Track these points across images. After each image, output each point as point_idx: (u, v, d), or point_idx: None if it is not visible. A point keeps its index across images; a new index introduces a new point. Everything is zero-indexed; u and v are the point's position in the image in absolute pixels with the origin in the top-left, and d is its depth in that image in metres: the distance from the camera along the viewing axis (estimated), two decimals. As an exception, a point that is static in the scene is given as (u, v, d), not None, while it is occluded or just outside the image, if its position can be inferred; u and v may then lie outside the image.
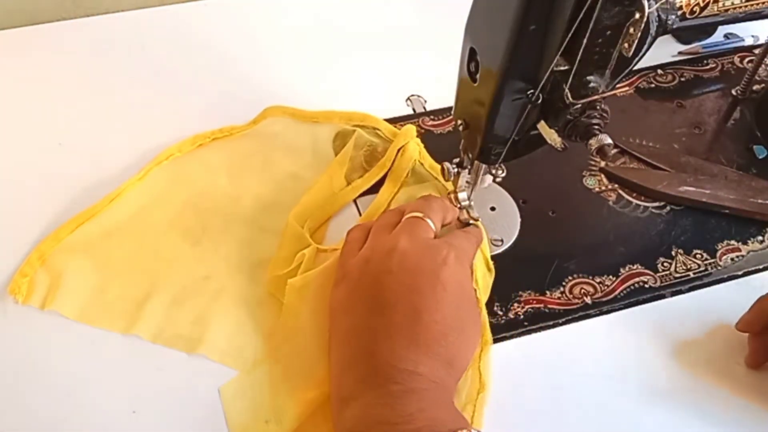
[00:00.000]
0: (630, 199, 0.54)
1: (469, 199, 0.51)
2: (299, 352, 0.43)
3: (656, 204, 0.54)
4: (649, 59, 0.57)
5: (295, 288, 0.45)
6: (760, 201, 0.53)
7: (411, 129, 0.55)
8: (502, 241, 0.51)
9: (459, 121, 0.45)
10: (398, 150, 0.54)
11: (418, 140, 0.55)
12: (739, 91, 0.62)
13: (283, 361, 0.43)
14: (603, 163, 0.56)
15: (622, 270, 0.49)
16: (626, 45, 0.36)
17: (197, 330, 0.45)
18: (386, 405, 0.35)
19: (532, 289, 0.48)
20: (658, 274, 0.49)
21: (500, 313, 0.47)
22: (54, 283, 0.46)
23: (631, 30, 0.35)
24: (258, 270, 0.49)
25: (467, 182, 0.50)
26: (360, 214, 0.52)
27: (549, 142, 0.41)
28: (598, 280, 0.49)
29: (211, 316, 0.46)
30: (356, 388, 0.37)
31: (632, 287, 0.48)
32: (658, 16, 0.40)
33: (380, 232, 0.43)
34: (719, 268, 0.50)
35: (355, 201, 0.53)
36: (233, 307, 0.47)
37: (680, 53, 0.67)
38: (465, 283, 0.41)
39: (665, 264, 0.49)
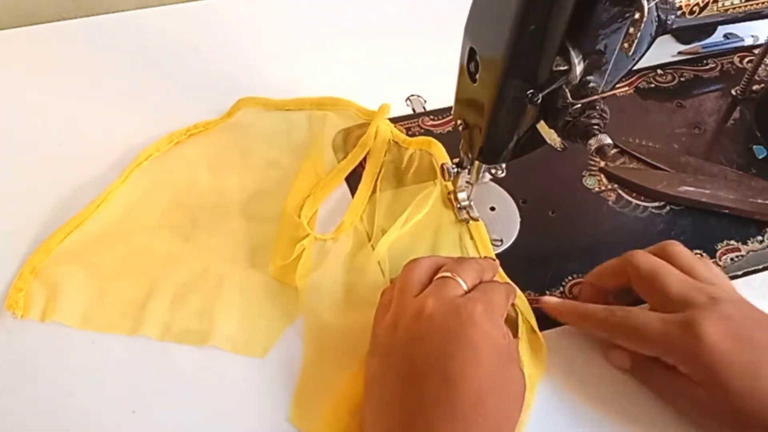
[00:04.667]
0: (630, 199, 0.54)
1: (469, 199, 0.51)
2: (323, 351, 0.44)
3: (656, 204, 0.54)
4: (648, 59, 0.57)
5: (306, 290, 0.46)
6: (759, 201, 0.53)
7: (385, 107, 0.56)
8: (501, 241, 0.51)
9: (459, 121, 0.45)
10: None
11: (388, 121, 0.57)
12: (738, 91, 0.62)
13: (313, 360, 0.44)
14: (603, 163, 0.56)
15: (621, 270, 0.49)
16: (626, 45, 0.36)
17: (204, 322, 0.45)
18: None
19: (532, 289, 0.48)
20: (658, 274, 0.49)
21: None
22: (51, 295, 0.46)
23: (631, 30, 0.35)
24: (254, 257, 0.49)
25: (467, 182, 0.50)
26: (353, 196, 0.53)
27: (549, 142, 0.41)
28: (597, 280, 0.49)
29: (216, 307, 0.46)
30: None
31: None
32: (658, 16, 0.40)
33: (404, 292, 0.41)
34: (719, 268, 0.50)
35: (348, 182, 0.54)
36: (236, 295, 0.47)
37: (680, 53, 0.67)
38: (497, 339, 0.38)
39: (665, 264, 0.49)
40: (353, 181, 0.54)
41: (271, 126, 0.58)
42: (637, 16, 0.34)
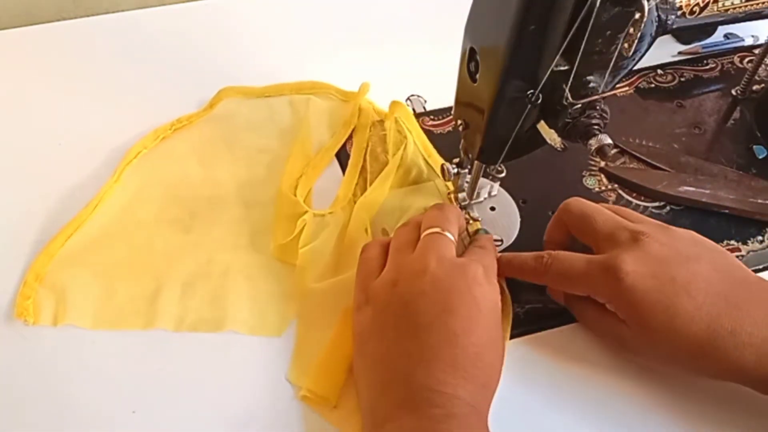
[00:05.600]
0: (630, 199, 0.54)
1: (469, 199, 0.51)
2: (314, 311, 0.46)
3: (656, 204, 0.54)
4: (649, 59, 0.57)
5: (305, 259, 0.48)
6: (759, 201, 0.53)
7: (365, 86, 0.59)
8: (502, 241, 0.51)
9: (459, 121, 0.45)
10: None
11: (369, 99, 0.59)
12: (738, 91, 0.62)
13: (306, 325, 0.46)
14: (603, 163, 0.56)
15: (622, 270, 0.49)
16: (626, 45, 0.36)
17: (217, 310, 0.46)
18: (427, 429, 0.35)
19: (532, 288, 0.48)
20: (658, 274, 0.49)
21: (500, 313, 0.47)
22: (60, 299, 0.46)
23: (631, 30, 0.35)
24: (256, 242, 0.50)
25: (467, 182, 0.50)
26: (343, 173, 0.55)
27: (549, 142, 0.41)
28: (598, 280, 0.48)
29: (226, 293, 0.47)
30: (393, 412, 0.36)
31: (632, 287, 0.48)
32: (658, 16, 0.40)
33: (401, 252, 0.43)
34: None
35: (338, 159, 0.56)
36: (244, 280, 0.48)
37: (680, 53, 0.67)
38: (496, 299, 0.41)
39: (665, 264, 0.49)
40: (343, 158, 0.56)
41: (253, 114, 0.60)
42: (637, 16, 0.34)
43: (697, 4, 0.41)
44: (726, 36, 0.68)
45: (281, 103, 0.60)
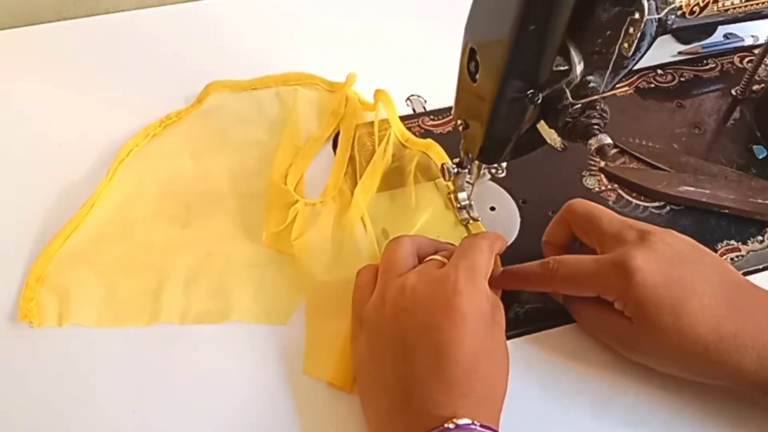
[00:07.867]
0: (630, 198, 0.54)
1: (469, 199, 0.51)
2: (322, 304, 0.47)
3: (656, 204, 0.54)
4: (648, 59, 0.57)
5: (303, 250, 0.49)
6: (759, 201, 0.53)
7: (352, 76, 0.60)
8: (501, 240, 0.51)
9: (459, 121, 0.45)
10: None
11: (355, 89, 0.60)
12: (738, 91, 0.62)
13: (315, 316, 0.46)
14: (603, 163, 0.56)
15: (621, 270, 0.49)
16: (626, 45, 0.36)
17: (221, 301, 0.47)
18: None
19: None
20: (658, 274, 0.49)
21: (500, 312, 0.47)
22: (63, 299, 0.46)
23: (631, 30, 0.35)
24: (254, 232, 0.51)
25: (467, 182, 0.50)
26: None
27: (549, 142, 0.41)
28: (597, 279, 0.48)
29: (229, 285, 0.48)
30: None
31: (632, 287, 0.48)
32: (658, 16, 0.40)
33: (390, 273, 0.42)
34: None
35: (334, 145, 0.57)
36: (245, 271, 0.48)
37: (680, 53, 0.67)
38: (482, 304, 0.39)
39: (665, 264, 0.49)
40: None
41: (241, 107, 0.60)
42: (637, 16, 0.34)
43: (697, 4, 0.41)
44: (726, 36, 0.68)
45: (268, 95, 0.61)
